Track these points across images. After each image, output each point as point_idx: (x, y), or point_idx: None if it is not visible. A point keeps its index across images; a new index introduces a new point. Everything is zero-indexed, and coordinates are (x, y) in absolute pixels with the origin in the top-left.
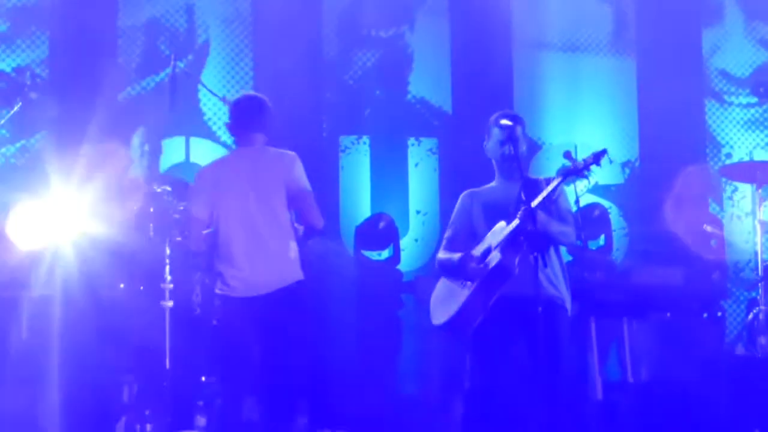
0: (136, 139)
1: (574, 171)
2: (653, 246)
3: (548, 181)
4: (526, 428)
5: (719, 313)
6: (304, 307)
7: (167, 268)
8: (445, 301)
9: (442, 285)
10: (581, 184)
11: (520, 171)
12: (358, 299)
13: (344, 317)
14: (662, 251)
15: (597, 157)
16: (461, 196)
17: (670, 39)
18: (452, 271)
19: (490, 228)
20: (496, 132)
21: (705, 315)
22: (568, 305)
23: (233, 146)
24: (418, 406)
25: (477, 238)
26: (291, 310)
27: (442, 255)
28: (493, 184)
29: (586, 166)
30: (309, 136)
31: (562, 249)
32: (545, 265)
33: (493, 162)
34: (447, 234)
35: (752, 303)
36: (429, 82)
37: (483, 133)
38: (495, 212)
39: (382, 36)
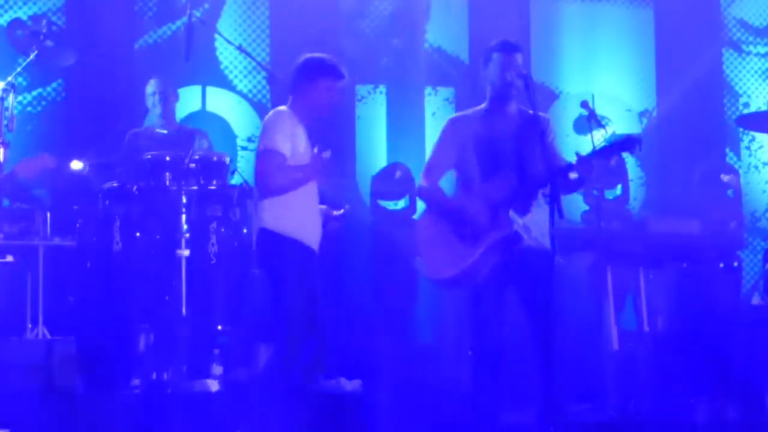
0: (149, 88)
1: (619, 146)
2: (669, 195)
3: (542, 121)
4: (535, 386)
5: (735, 263)
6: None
7: (183, 217)
8: (443, 252)
9: (433, 226)
10: (598, 134)
11: (531, 103)
12: (374, 248)
13: (361, 266)
14: (679, 200)
15: (628, 144)
16: (448, 122)
17: None
18: (449, 215)
19: (481, 162)
20: (497, 57)
21: (721, 265)
22: None
23: (249, 95)
24: (434, 355)
25: (462, 169)
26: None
27: (425, 184)
28: (481, 107)
29: (618, 146)
30: None
31: (577, 198)
32: (561, 216)
33: (488, 88)
34: (430, 160)
35: None
36: (446, 32)
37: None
38: (487, 147)
39: None
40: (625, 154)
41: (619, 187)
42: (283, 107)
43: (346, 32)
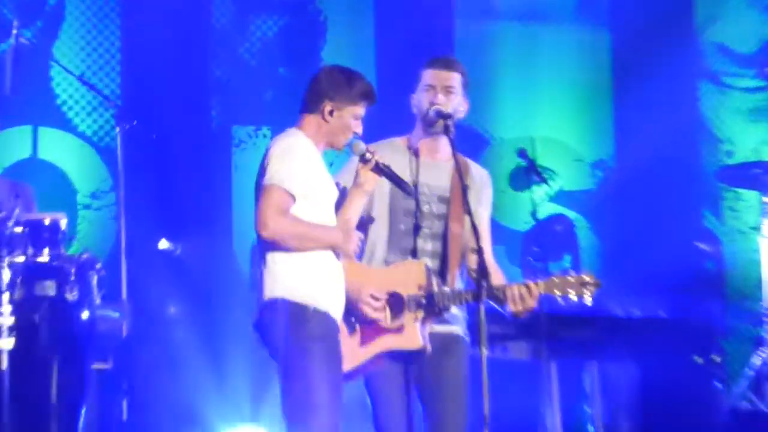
0: None
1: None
2: (631, 268)
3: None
4: None
5: (717, 357)
6: None
7: (4, 297)
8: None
9: None
10: (540, 190)
11: (452, 147)
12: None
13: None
14: (643, 275)
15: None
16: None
17: (655, 5)
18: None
19: (393, 211)
20: (424, 76)
21: (698, 359)
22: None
23: (94, 138)
24: None
25: (367, 229)
26: None
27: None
28: (401, 142)
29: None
30: (193, 127)
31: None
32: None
33: (418, 117)
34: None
35: (759, 342)
36: (347, 59)
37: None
38: (402, 204)
39: None
40: (575, 216)
41: (568, 258)
42: (295, 130)
43: (221, 58)
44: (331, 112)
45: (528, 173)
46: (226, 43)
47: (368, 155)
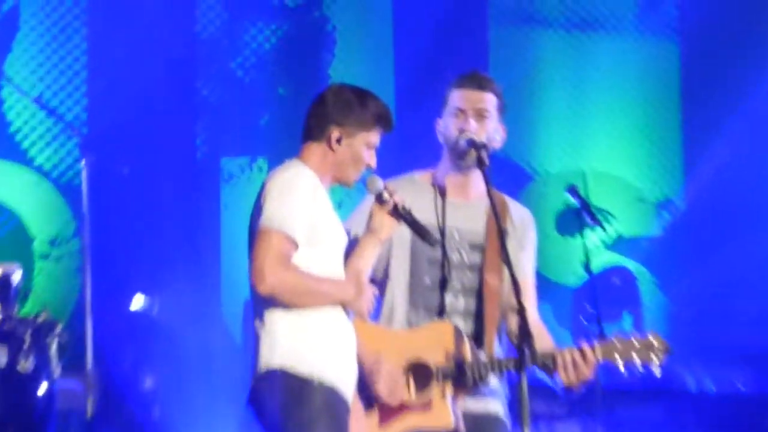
0: None
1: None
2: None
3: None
4: None
5: None
6: None
7: None
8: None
9: None
10: (594, 236)
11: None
12: None
13: None
14: (719, 341)
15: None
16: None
17: (730, 11)
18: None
19: (416, 260)
20: (452, 97)
21: None
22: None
23: (54, 173)
24: None
25: (383, 286)
26: None
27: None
28: (424, 178)
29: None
30: (174, 159)
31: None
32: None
33: (445, 147)
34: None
35: None
36: (360, 76)
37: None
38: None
39: (289, 5)
40: (637, 267)
41: (628, 319)
42: (297, 162)
43: (208, 76)
44: (339, 140)
45: (579, 215)
46: (214, 57)
47: (386, 195)
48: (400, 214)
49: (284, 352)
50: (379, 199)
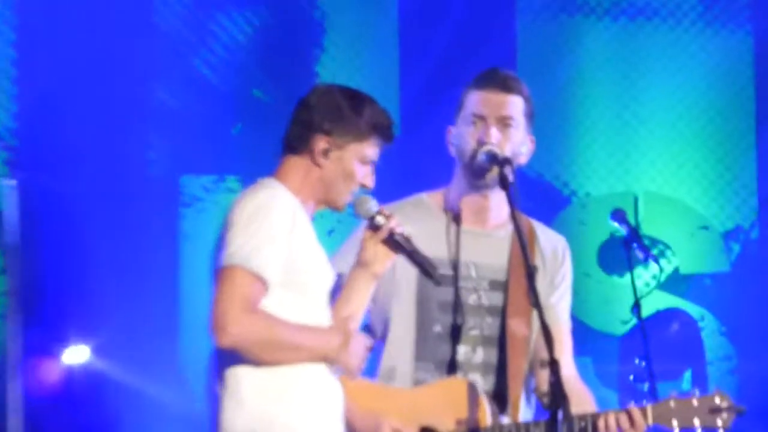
0: None
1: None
2: None
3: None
4: None
5: None
6: None
7: None
8: None
9: None
10: (646, 273)
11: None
12: None
13: None
14: None
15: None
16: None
17: None
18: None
19: (423, 303)
20: (473, 103)
21: None
22: None
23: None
24: None
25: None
26: None
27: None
28: (434, 200)
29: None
30: (122, 178)
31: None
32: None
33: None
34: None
35: None
36: (355, 73)
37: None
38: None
39: None
40: (700, 311)
41: (688, 373)
42: (272, 181)
43: (166, 75)
44: (326, 153)
45: (627, 247)
46: (174, 52)
47: (379, 219)
48: (398, 243)
49: (252, 415)
50: (372, 225)
